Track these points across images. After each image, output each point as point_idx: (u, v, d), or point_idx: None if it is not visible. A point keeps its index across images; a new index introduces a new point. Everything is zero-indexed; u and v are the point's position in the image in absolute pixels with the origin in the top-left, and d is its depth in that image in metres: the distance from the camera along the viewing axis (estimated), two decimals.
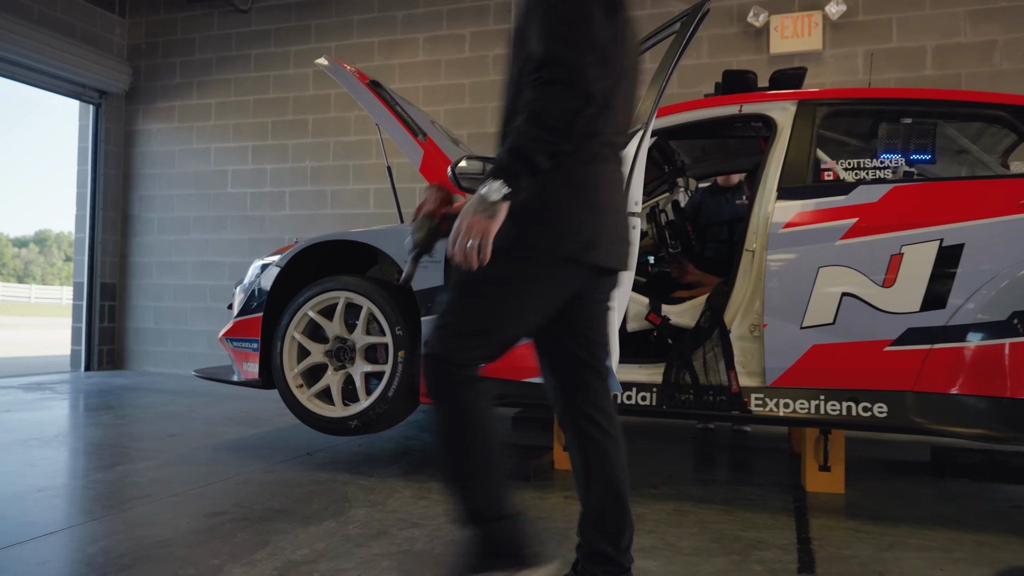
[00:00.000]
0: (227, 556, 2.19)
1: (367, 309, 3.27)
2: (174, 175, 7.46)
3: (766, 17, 5.65)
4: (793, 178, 2.91)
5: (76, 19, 7.10)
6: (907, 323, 2.67)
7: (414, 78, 6.68)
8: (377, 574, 2.07)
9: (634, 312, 3.15)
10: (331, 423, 3.26)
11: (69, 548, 2.27)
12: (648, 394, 2.96)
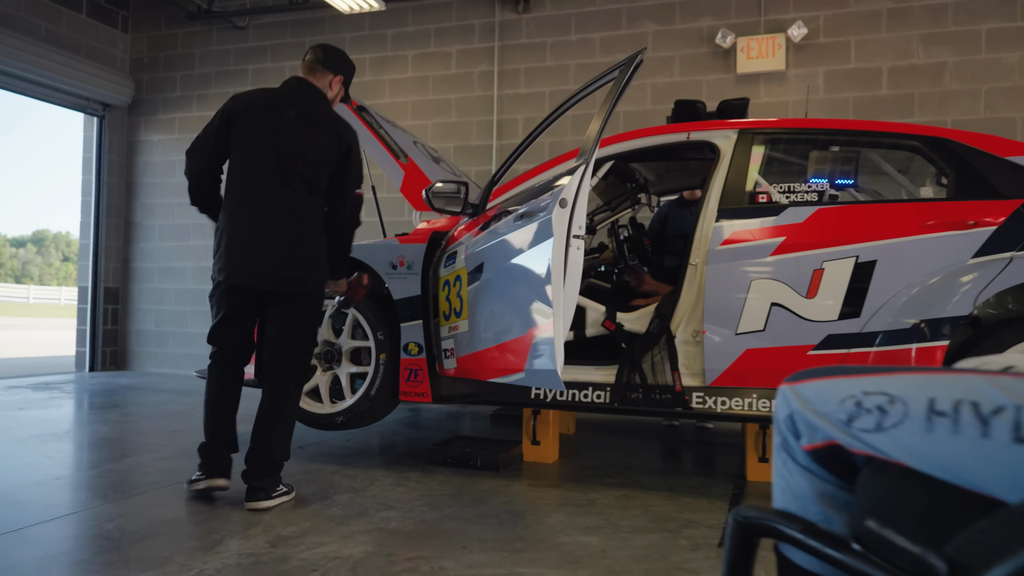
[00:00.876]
0: (226, 532, 2.54)
1: (352, 316, 3.62)
2: (175, 184, 7.80)
3: (733, 39, 6.00)
4: (732, 200, 3.26)
5: (81, 35, 7.44)
6: (827, 330, 3.02)
7: (403, 93, 7.02)
8: (354, 546, 2.42)
9: (592, 319, 3.50)
10: (320, 419, 3.61)
11: (88, 526, 2.62)
12: (602, 393, 3.31)
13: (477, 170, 6.62)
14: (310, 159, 2.88)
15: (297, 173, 2.86)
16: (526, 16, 6.68)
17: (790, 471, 0.99)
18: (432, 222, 3.79)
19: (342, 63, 3.14)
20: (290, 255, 2.85)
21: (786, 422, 0.98)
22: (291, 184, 2.85)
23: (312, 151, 2.90)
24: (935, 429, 0.79)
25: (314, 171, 2.89)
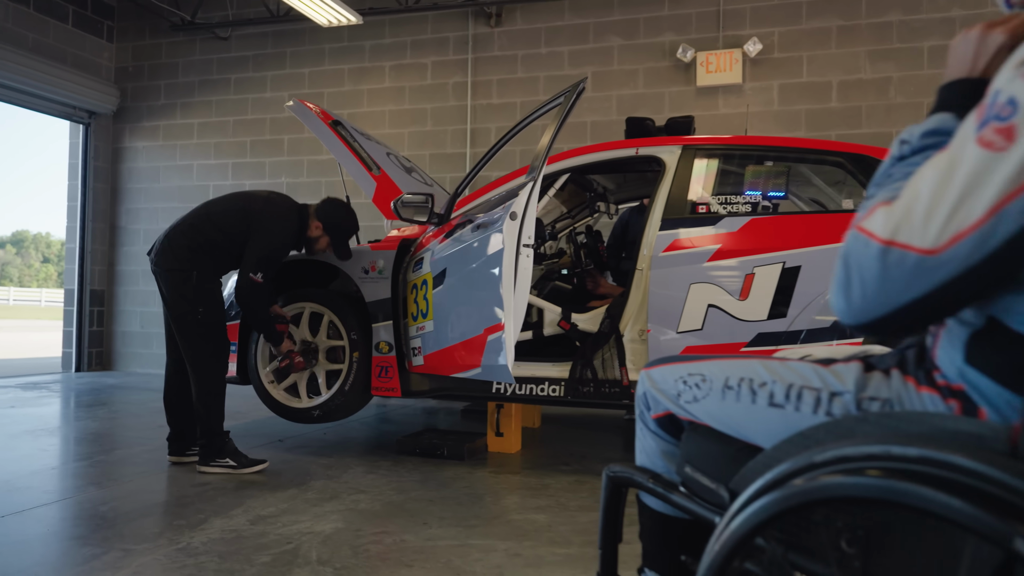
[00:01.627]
0: (211, 512, 2.82)
1: (327, 317, 3.90)
2: (159, 189, 8.03)
3: (693, 53, 6.33)
4: (674, 210, 3.58)
5: (67, 45, 7.66)
6: (758, 329, 3.34)
7: (381, 102, 7.30)
8: (326, 523, 2.71)
9: (549, 319, 3.81)
10: (298, 413, 3.89)
11: (84, 508, 2.88)
12: (557, 387, 3.61)
13: (451, 176, 6.91)
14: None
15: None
16: (498, 30, 6.98)
17: (644, 435, 1.30)
18: (402, 230, 4.08)
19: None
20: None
21: (641, 399, 1.29)
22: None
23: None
24: (726, 399, 1.10)
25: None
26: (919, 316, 0.82)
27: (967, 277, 0.76)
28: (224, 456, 3.44)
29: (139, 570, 2.22)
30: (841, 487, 0.80)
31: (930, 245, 0.78)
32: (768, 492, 0.88)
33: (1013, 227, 0.73)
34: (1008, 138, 0.73)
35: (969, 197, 0.75)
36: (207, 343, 3.45)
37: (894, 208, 0.82)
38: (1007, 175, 0.73)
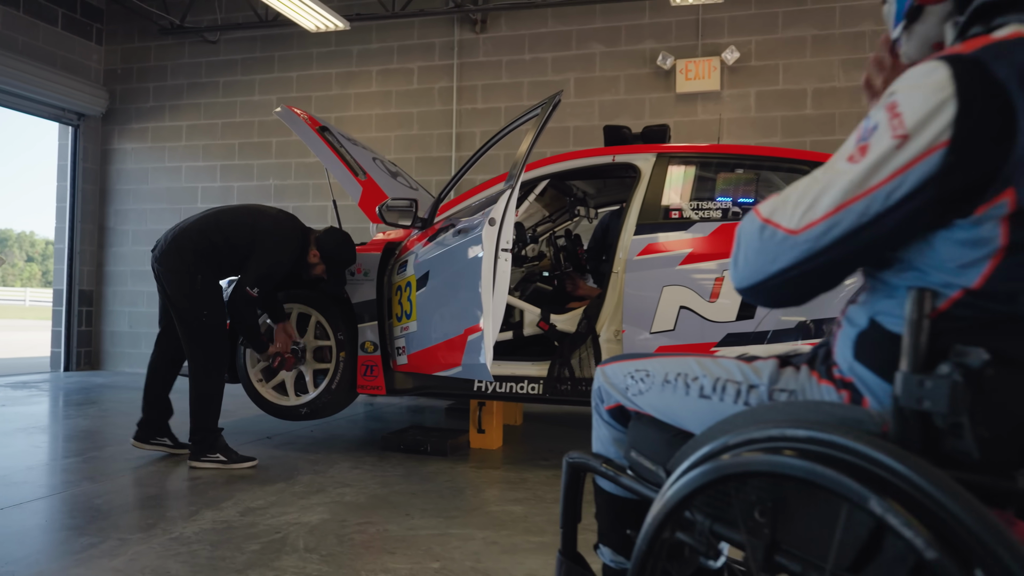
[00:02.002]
0: (202, 504, 2.95)
1: (315, 318, 4.03)
2: (147, 191, 8.12)
3: (673, 61, 6.50)
4: (649, 215, 3.73)
5: (57, 48, 7.74)
6: (727, 329, 3.50)
7: (368, 106, 7.43)
8: (312, 515, 2.84)
9: (529, 320, 3.95)
10: (286, 411, 4.02)
11: (80, 501, 3.00)
12: (536, 385, 3.76)
13: (437, 180, 7.04)
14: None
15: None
16: (483, 36, 7.12)
17: (598, 425, 1.44)
18: (387, 233, 4.21)
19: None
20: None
21: (596, 392, 1.44)
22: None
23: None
24: (665, 392, 1.25)
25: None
26: (784, 286, 1.00)
27: (816, 257, 0.96)
28: (215, 452, 3.56)
29: (135, 557, 2.35)
30: (746, 464, 0.95)
31: (793, 227, 0.97)
32: (691, 470, 1.03)
33: (852, 223, 0.92)
34: (862, 154, 0.91)
35: (824, 195, 0.94)
36: (209, 343, 3.58)
37: (778, 196, 1.02)
38: (853, 181, 0.91)
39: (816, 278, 0.99)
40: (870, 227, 0.92)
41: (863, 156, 0.93)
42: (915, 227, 0.92)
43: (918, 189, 0.89)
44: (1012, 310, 0.89)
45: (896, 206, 0.90)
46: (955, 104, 0.85)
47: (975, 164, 0.85)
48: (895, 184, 0.90)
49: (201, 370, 3.58)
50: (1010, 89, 0.83)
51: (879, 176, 0.91)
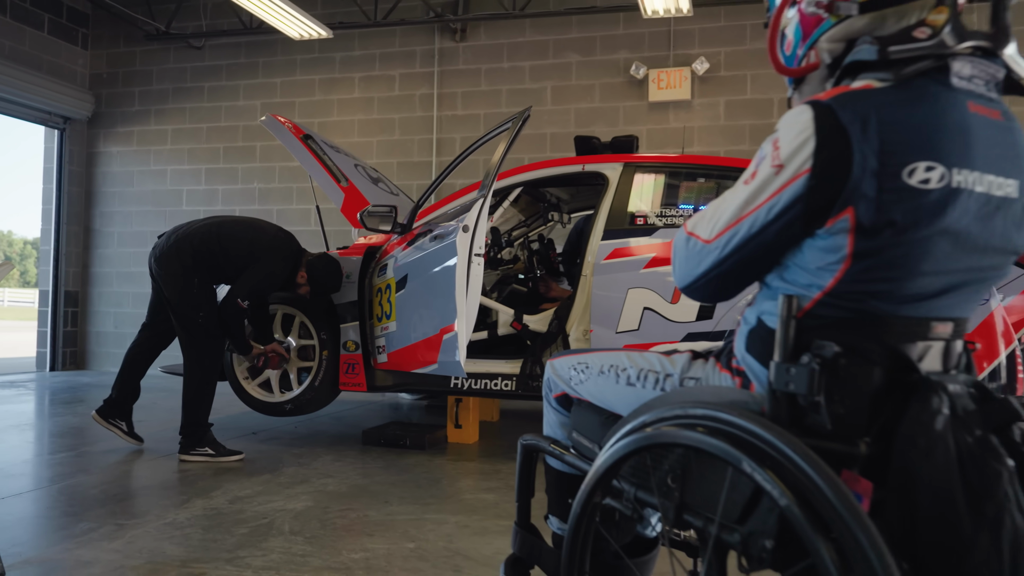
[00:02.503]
0: (192, 494, 3.13)
1: (299, 319, 4.22)
2: (133, 193, 8.25)
3: (645, 71, 6.74)
4: (616, 221, 3.95)
5: (43, 53, 7.85)
6: (688, 329, 3.73)
7: (351, 112, 7.61)
8: (297, 502, 3.04)
9: (503, 320, 4.16)
10: (271, 407, 4.21)
11: (76, 491, 3.18)
12: (510, 382, 3.97)
13: (418, 184, 7.24)
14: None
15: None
16: (463, 44, 7.33)
17: (548, 412, 1.66)
18: (368, 238, 4.41)
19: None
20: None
21: (546, 383, 1.65)
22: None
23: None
24: (600, 381, 1.46)
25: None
26: (708, 284, 1.25)
27: (726, 260, 1.20)
28: (204, 445, 3.75)
29: (132, 540, 2.54)
30: (656, 437, 1.17)
31: (708, 237, 1.21)
32: (615, 444, 1.25)
33: (746, 232, 1.16)
34: (753, 178, 1.13)
35: (727, 211, 1.18)
36: (204, 343, 3.76)
37: (700, 213, 1.26)
38: (745, 199, 1.14)
39: (731, 278, 1.23)
40: (759, 235, 1.15)
41: (753, 180, 1.15)
42: (791, 235, 1.14)
43: (790, 205, 1.11)
44: (859, 309, 1.11)
45: (775, 219, 1.13)
46: (814, 141, 1.08)
47: (828, 186, 1.08)
48: (774, 201, 1.13)
49: (195, 367, 3.76)
50: (851, 132, 1.06)
51: (763, 196, 1.14)
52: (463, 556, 2.46)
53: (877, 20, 1.20)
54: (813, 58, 1.28)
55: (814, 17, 1.25)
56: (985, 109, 1.11)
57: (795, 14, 1.28)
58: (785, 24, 1.33)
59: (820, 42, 1.25)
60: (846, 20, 1.21)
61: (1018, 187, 1.13)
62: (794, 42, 1.31)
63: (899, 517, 1.02)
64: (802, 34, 1.28)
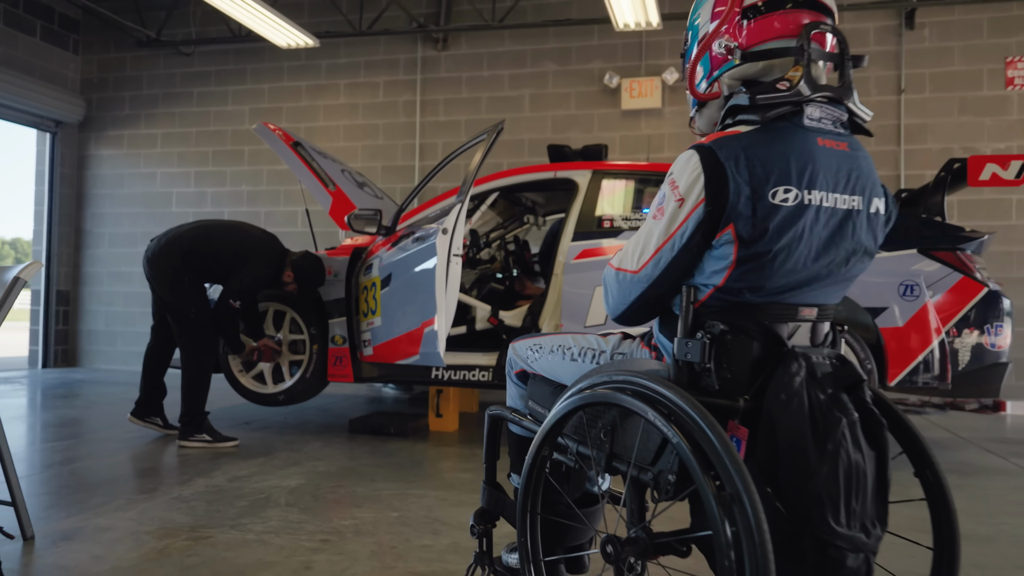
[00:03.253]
0: (194, 474, 3.42)
1: (289, 315, 4.51)
2: (123, 195, 8.48)
3: (618, 80, 7.08)
4: (584, 224, 4.28)
5: (35, 58, 8.07)
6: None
7: (336, 117, 7.89)
8: (291, 481, 3.34)
9: (480, 316, 4.48)
10: (264, 397, 4.50)
11: (87, 471, 3.45)
12: (486, 373, 4.28)
13: (401, 187, 7.54)
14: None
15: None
16: (445, 53, 7.64)
17: (510, 386, 1.98)
18: (355, 239, 4.71)
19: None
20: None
21: (508, 362, 1.97)
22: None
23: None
24: (550, 357, 1.78)
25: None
26: (640, 309, 1.53)
27: (653, 286, 1.48)
28: (202, 432, 4.03)
29: (144, 511, 2.83)
30: (588, 397, 1.49)
31: (635, 268, 1.49)
32: (559, 405, 1.57)
33: (668, 257, 1.45)
34: (661, 214, 1.44)
35: (648, 244, 1.47)
36: (198, 336, 4.04)
37: (621, 251, 1.55)
38: (661, 231, 1.44)
39: (657, 299, 1.52)
40: (679, 256, 1.45)
41: (662, 215, 1.45)
42: (699, 251, 1.45)
43: (696, 228, 1.42)
44: (740, 299, 1.43)
45: (688, 241, 1.43)
46: (703, 176, 1.39)
47: (717, 210, 1.40)
48: (684, 228, 1.43)
49: (192, 360, 4.05)
50: (727, 167, 1.38)
51: (674, 225, 1.44)
52: (441, 522, 2.77)
53: (767, 68, 1.52)
54: (716, 88, 1.60)
55: (721, 57, 1.57)
56: (833, 143, 1.44)
57: (708, 52, 1.60)
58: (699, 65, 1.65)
59: (723, 77, 1.57)
60: (743, 64, 1.53)
61: (863, 201, 1.46)
62: (703, 74, 1.62)
63: (765, 453, 1.35)
64: (711, 69, 1.59)
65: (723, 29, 1.53)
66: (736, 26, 1.52)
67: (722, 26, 1.53)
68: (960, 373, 3.84)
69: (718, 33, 1.54)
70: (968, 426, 5.35)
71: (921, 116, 6.62)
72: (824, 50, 1.48)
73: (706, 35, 1.57)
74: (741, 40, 1.52)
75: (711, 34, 1.55)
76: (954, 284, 3.84)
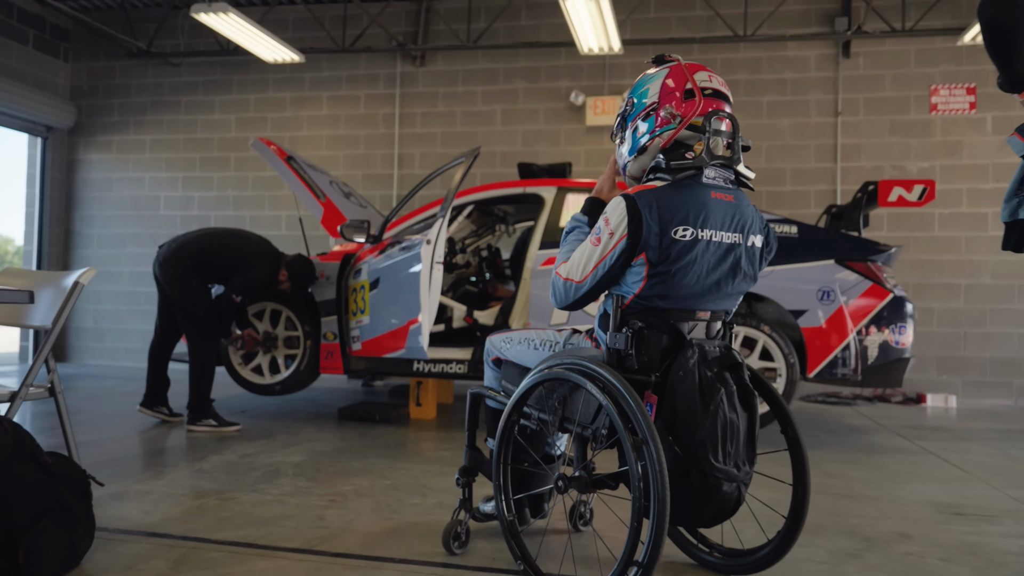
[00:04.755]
0: (209, 451, 3.93)
1: (285, 313, 5.02)
2: (112, 198, 8.86)
3: (583, 98, 7.67)
4: (550, 235, 4.85)
5: (28, 66, 8.42)
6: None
7: (319, 128, 8.38)
8: (294, 457, 3.86)
9: (456, 315, 5.03)
10: (263, 388, 5.00)
11: (109, 451, 3.93)
12: (462, 366, 4.83)
13: (381, 194, 8.06)
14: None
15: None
16: (422, 69, 8.17)
17: (487, 370, 2.54)
18: (344, 245, 5.23)
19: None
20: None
21: (486, 351, 2.53)
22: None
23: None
24: (519, 347, 2.35)
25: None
26: (578, 304, 2.12)
27: (590, 291, 2.06)
28: (208, 417, 4.52)
29: (173, 479, 3.33)
30: (545, 375, 2.06)
31: (579, 279, 2.06)
32: (524, 382, 2.13)
33: (604, 270, 2.02)
34: (598, 242, 2.02)
35: (590, 261, 2.04)
36: (204, 330, 4.54)
37: (567, 263, 2.11)
38: (598, 253, 2.02)
39: (591, 297, 2.09)
40: (611, 270, 2.02)
41: (599, 243, 2.02)
42: (623, 269, 2.02)
43: (621, 253, 1.99)
44: (653, 304, 2.01)
45: (615, 262, 2.00)
46: (627, 217, 1.97)
47: (635, 242, 1.97)
48: (614, 252, 2.00)
49: (198, 352, 4.54)
50: (643, 212, 1.95)
51: (606, 251, 2.01)
52: (428, 488, 3.32)
53: (685, 136, 2.09)
54: (655, 141, 2.16)
55: (665, 120, 2.12)
56: (722, 195, 2.03)
57: (653, 115, 2.14)
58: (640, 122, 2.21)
59: (663, 135, 2.13)
60: (677, 128, 2.09)
61: (742, 238, 2.05)
62: (647, 129, 2.17)
63: (668, 413, 1.92)
64: (655, 126, 2.14)
65: (671, 101, 2.08)
66: (679, 101, 2.08)
67: (670, 99, 2.08)
68: (869, 366, 4.48)
69: (663, 102, 2.09)
70: (889, 415, 6.03)
71: (856, 136, 7.32)
72: (721, 129, 2.06)
73: (654, 102, 2.12)
74: (682, 111, 2.08)
75: (660, 100, 2.10)
76: (865, 290, 4.49)
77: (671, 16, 7.67)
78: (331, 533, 2.63)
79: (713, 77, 2.09)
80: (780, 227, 4.65)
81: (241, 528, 2.65)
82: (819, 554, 2.49)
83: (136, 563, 2.27)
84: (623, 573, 1.81)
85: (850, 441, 4.75)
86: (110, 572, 2.20)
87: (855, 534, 2.74)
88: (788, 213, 7.15)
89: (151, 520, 2.73)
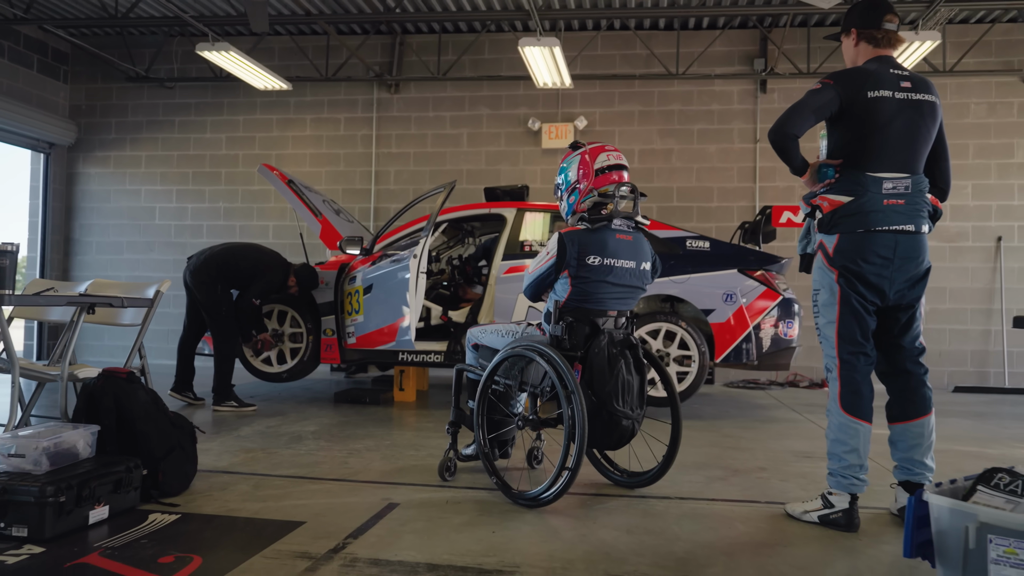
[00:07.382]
0: (239, 424, 4.91)
1: (291, 314, 6.01)
2: (110, 209, 9.67)
3: (539, 124, 8.77)
4: (511, 248, 5.93)
5: (32, 88, 9.20)
6: None
7: (303, 147, 9.32)
8: (308, 427, 4.86)
9: (434, 315, 6.08)
10: (272, 376, 5.99)
11: None
12: (439, 356, 5.88)
13: (360, 207, 9.04)
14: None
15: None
16: (396, 96, 9.18)
17: (468, 352, 3.60)
18: (338, 256, 6.23)
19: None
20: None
21: (468, 339, 3.59)
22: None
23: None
24: (491, 335, 3.41)
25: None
26: (531, 295, 3.22)
27: (533, 282, 3.18)
28: (230, 399, 5.49)
29: (222, 442, 4.32)
30: (509, 353, 3.14)
31: (530, 271, 3.17)
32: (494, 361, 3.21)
33: (544, 274, 3.13)
34: (542, 260, 3.12)
35: (539, 269, 3.15)
36: (227, 327, 5.51)
37: (530, 266, 3.22)
38: (542, 263, 3.13)
39: (537, 288, 3.20)
40: (548, 276, 3.11)
41: (545, 258, 3.11)
42: (556, 278, 3.11)
43: (552, 267, 3.08)
44: (579, 305, 3.10)
45: (550, 271, 3.09)
46: (558, 247, 3.05)
47: (561, 263, 3.05)
48: (550, 264, 3.09)
49: (222, 345, 5.50)
50: (568, 245, 3.03)
51: (542, 260, 3.10)
52: (420, 445, 4.37)
53: (599, 199, 3.19)
54: (581, 205, 3.25)
55: (584, 190, 3.22)
56: (625, 236, 3.13)
57: (576, 190, 3.23)
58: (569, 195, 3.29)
59: (584, 203, 3.22)
60: (595, 196, 3.19)
61: (637, 264, 3.15)
62: (574, 199, 3.26)
63: (587, 376, 3.01)
64: (579, 198, 3.24)
65: (585, 180, 3.18)
66: (592, 177, 3.18)
67: (584, 178, 3.18)
68: (764, 353, 5.66)
69: (580, 180, 3.19)
70: (793, 397, 7.25)
71: (772, 160, 8.53)
72: (624, 192, 3.16)
73: (575, 179, 3.22)
74: (594, 183, 3.18)
75: (579, 179, 3.20)
76: (760, 293, 5.66)
77: (615, 54, 8.81)
78: (355, 471, 3.67)
79: (610, 155, 3.19)
80: (695, 243, 5.80)
81: (290, 468, 3.68)
82: (698, 478, 3.61)
83: (228, 485, 3.29)
84: (558, 475, 2.90)
85: (752, 414, 5.93)
86: (212, 491, 3.20)
87: (727, 467, 3.87)
88: (715, 226, 8.36)
89: (222, 464, 3.73)
